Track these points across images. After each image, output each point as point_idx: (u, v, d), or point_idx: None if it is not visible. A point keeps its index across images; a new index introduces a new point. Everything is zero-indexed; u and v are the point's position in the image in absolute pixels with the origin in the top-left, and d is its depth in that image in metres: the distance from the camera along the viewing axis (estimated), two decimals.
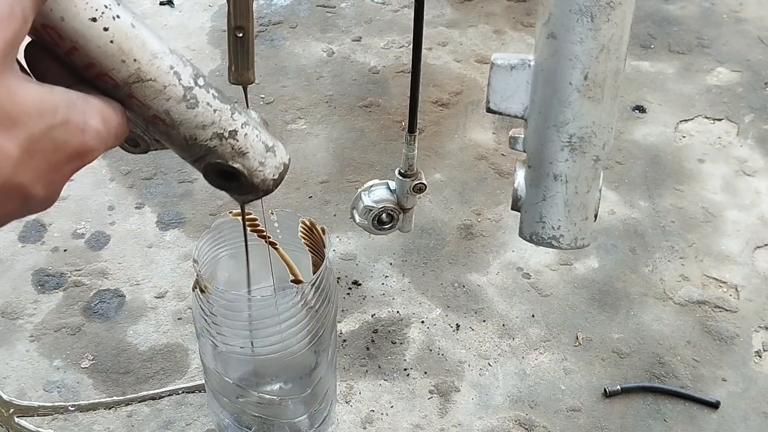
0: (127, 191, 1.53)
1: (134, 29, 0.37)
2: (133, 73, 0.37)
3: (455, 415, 1.19)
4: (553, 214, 0.64)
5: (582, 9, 0.56)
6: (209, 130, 0.41)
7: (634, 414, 1.20)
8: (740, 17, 2.13)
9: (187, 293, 1.33)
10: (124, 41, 0.37)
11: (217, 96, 0.42)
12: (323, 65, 1.89)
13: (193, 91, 0.40)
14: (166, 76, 0.38)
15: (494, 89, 0.63)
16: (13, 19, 0.30)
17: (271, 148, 0.45)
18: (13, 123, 0.30)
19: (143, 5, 2.07)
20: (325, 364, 1.04)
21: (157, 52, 0.38)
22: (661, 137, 1.73)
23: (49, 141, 0.32)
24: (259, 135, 0.44)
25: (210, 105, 0.41)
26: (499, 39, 2.01)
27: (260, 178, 0.45)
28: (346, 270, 1.40)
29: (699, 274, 1.42)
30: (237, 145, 0.43)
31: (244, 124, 0.43)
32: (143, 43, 0.37)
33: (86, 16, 0.35)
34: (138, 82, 0.38)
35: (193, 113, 0.40)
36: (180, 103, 0.40)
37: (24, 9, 0.30)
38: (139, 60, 0.37)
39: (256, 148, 0.44)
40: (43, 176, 0.32)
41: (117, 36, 0.36)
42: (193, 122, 0.41)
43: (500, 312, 1.34)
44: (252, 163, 0.44)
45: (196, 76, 0.40)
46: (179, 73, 0.39)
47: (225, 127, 0.42)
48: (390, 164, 1.60)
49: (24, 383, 1.20)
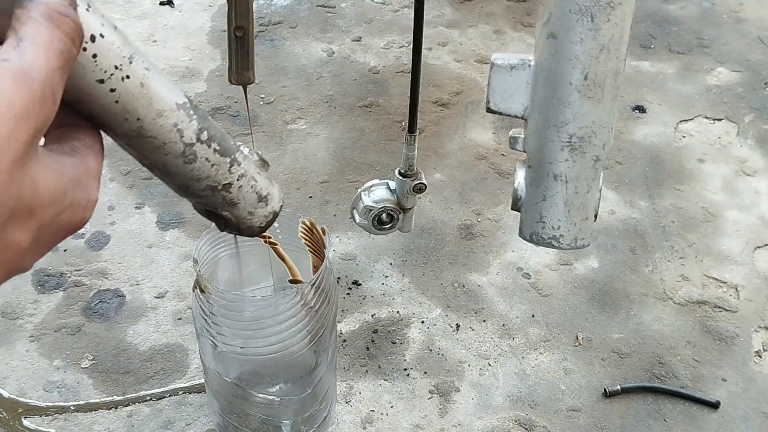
0: (127, 191, 1.53)
1: (142, 88, 0.36)
2: (134, 130, 0.37)
3: (455, 415, 1.19)
4: (553, 214, 0.64)
5: (582, 9, 0.56)
6: (203, 183, 0.42)
7: (634, 414, 1.20)
8: (740, 17, 2.13)
9: (187, 293, 1.33)
10: (130, 101, 0.36)
11: (218, 150, 0.41)
12: (323, 65, 1.89)
13: (193, 147, 0.39)
14: (168, 134, 0.38)
15: (494, 89, 0.63)
16: (44, 103, 0.28)
17: (264, 197, 0.46)
18: (30, 214, 0.29)
19: (143, 5, 2.07)
20: (325, 364, 1.04)
21: (163, 111, 0.37)
22: (661, 137, 1.73)
23: (56, 225, 0.31)
24: (254, 186, 0.45)
25: (208, 160, 0.41)
26: (499, 39, 2.01)
27: (246, 225, 0.46)
28: (346, 270, 1.40)
29: (699, 274, 1.42)
30: (229, 197, 0.43)
31: (241, 176, 0.43)
32: (150, 102, 0.37)
33: (93, 78, 0.34)
34: (138, 137, 0.38)
35: (189, 168, 0.40)
36: (177, 158, 0.39)
37: (54, 89, 0.29)
38: (142, 119, 0.37)
39: (248, 199, 0.44)
40: (42, 253, 0.32)
41: (123, 97, 0.36)
42: (188, 175, 0.41)
43: (500, 312, 1.34)
44: (241, 213, 0.45)
45: (199, 131, 0.40)
46: (182, 130, 0.39)
47: (219, 180, 0.42)
48: (390, 164, 1.60)
49: (24, 383, 1.20)
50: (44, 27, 0.30)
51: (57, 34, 0.30)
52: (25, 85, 0.28)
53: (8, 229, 0.28)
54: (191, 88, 1.79)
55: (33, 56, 0.29)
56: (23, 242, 0.29)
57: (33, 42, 0.29)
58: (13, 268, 0.30)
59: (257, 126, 1.70)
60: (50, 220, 0.31)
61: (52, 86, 0.29)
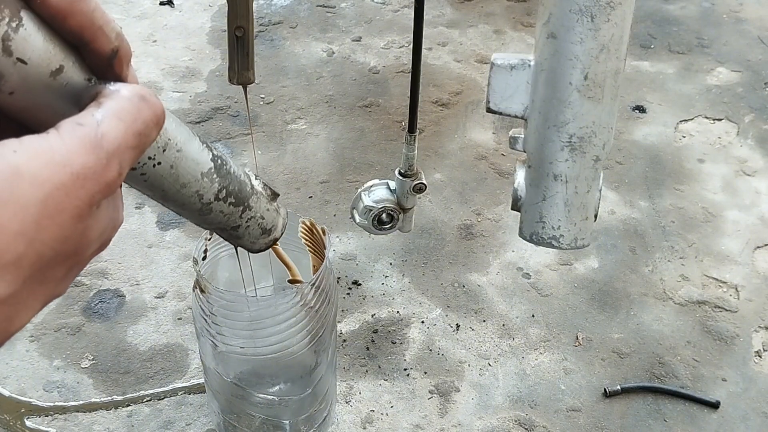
0: (127, 191, 1.52)
1: (171, 170, 0.38)
2: (157, 198, 0.40)
3: (455, 415, 1.19)
4: (553, 214, 0.64)
5: (582, 9, 0.56)
6: (213, 226, 0.45)
7: (634, 414, 1.20)
8: (740, 17, 2.13)
9: (187, 293, 1.33)
10: (157, 181, 0.38)
11: (234, 202, 0.44)
12: (323, 65, 1.89)
13: (210, 205, 0.42)
14: (189, 199, 0.41)
15: (494, 89, 0.63)
16: (106, 173, 0.29)
17: (268, 230, 0.49)
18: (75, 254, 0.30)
19: (143, 5, 2.07)
20: (325, 364, 1.04)
21: (187, 183, 0.40)
22: (661, 137, 1.73)
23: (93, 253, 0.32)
24: (260, 224, 0.48)
25: (222, 212, 0.43)
26: (499, 39, 2.01)
27: (248, 248, 0.50)
28: (346, 270, 1.40)
29: (699, 274, 1.42)
30: (235, 234, 0.47)
31: (250, 218, 0.46)
32: (176, 179, 0.39)
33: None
34: (162, 201, 0.40)
35: (203, 218, 0.43)
36: (194, 212, 0.42)
37: (122, 165, 0.30)
38: (166, 191, 0.39)
39: (252, 234, 0.48)
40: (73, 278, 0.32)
41: (151, 178, 0.38)
42: (202, 220, 0.44)
43: (500, 312, 1.34)
44: (244, 242, 0.49)
45: (219, 191, 0.42)
46: (203, 195, 0.41)
47: (230, 224, 0.45)
48: (390, 164, 1.60)
49: (24, 383, 1.20)
50: (131, 106, 0.31)
51: (142, 116, 0.31)
52: (93, 152, 0.29)
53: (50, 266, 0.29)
54: (191, 88, 1.79)
55: (109, 128, 0.29)
56: (59, 275, 0.30)
57: (115, 116, 0.30)
58: (49, 298, 0.31)
59: (257, 126, 1.70)
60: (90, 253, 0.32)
61: (120, 161, 0.30)
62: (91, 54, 0.32)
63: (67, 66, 0.31)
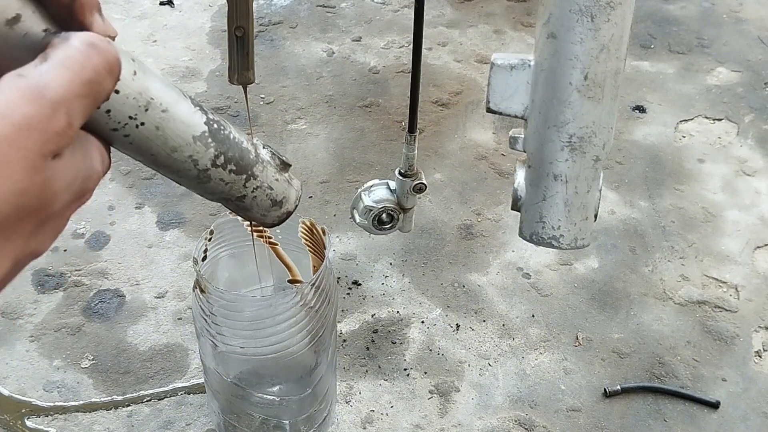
0: (127, 191, 1.53)
1: (157, 131, 0.37)
2: (149, 164, 0.38)
3: (455, 415, 1.19)
4: (553, 214, 0.64)
5: (582, 9, 0.56)
6: (216, 195, 0.43)
7: (634, 414, 1.20)
8: (740, 17, 2.13)
9: (187, 293, 1.33)
10: (143, 143, 0.37)
11: (234, 169, 0.42)
12: (323, 65, 1.89)
13: (207, 172, 0.40)
14: (182, 164, 0.39)
15: (494, 89, 0.63)
16: (53, 122, 0.28)
17: (279, 202, 0.46)
18: (41, 208, 0.29)
19: (143, 5, 2.07)
20: (325, 364, 1.04)
21: (178, 146, 0.38)
22: (661, 137, 1.73)
23: (66, 206, 0.32)
24: (269, 194, 0.45)
25: (223, 180, 0.41)
26: (499, 39, 2.01)
27: (259, 221, 0.47)
28: (346, 270, 1.40)
29: (699, 274, 1.42)
30: (242, 205, 0.44)
31: (256, 188, 0.44)
32: (164, 141, 0.37)
33: (107, 128, 0.35)
34: (151, 165, 0.39)
35: (203, 186, 0.41)
36: (191, 180, 0.40)
37: (70, 113, 0.29)
38: (156, 155, 0.38)
39: (261, 206, 0.45)
40: (52, 233, 0.32)
41: (137, 140, 0.36)
42: (202, 189, 0.42)
43: (500, 312, 1.34)
44: (254, 215, 0.46)
45: (216, 157, 0.40)
46: (197, 160, 0.39)
47: (233, 194, 0.43)
48: (390, 164, 1.60)
49: (24, 383, 1.20)
50: (78, 54, 0.30)
51: (91, 63, 0.30)
52: (35, 102, 0.28)
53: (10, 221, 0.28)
54: (191, 88, 1.79)
55: (52, 77, 0.29)
56: (25, 230, 0.29)
57: (60, 65, 0.29)
58: (19, 254, 0.30)
59: (257, 126, 1.70)
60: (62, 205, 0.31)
61: (67, 110, 0.29)
62: (50, 1, 0.31)
63: (25, 15, 0.30)
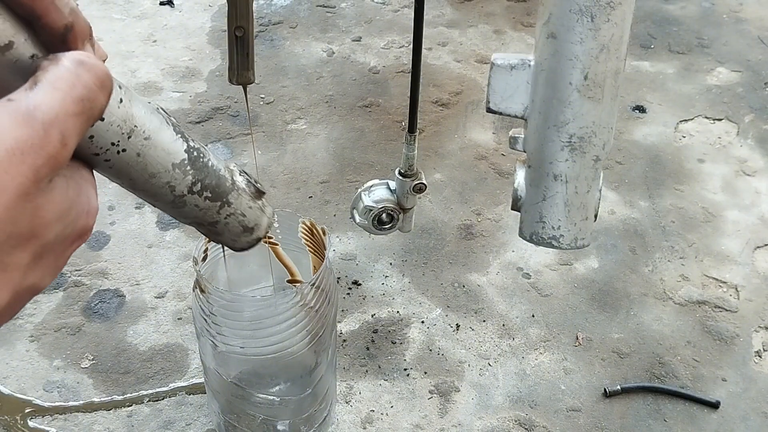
0: (127, 191, 1.52)
1: (138, 158, 0.37)
2: (126, 187, 0.39)
3: (455, 415, 1.19)
4: (553, 214, 0.64)
5: (582, 9, 0.56)
6: (189, 219, 0.43)
7: (634, 414, 1.20)
8: (740, 17, 2.13)
9: (187, 293, 1.33)
10: (123, 169, 0.37)
11: (210, 197, 0.42)
12: (323, 65, 1.89)
13: (183, 198, 0.41)
14: (159, 190, 0.39)
15: (494, 89, 0.63)
16: (46, 144, 0.28)
17: (250, 229, 0.47)
18: (33, 236, 0.29)
19: (143, 5, 2.07)
20: (325, 364, 1.04)
21: (156, 173, 0.38)
22: (661, 137, 1.73)
23: (62, 239, 0.31)
24: (241, 221, 0.46)
25: (197, 206, 0.42)
26: (499, 39, 2.01)
27: (229, 245, 0.48)
28: (346, 270, 1.40)
29: (699, 274, 1.42)
30: (214, 230, 0.45)
31: (229, 215, 0.45)
32: (144, 168, 0.38)
33: (89, 152, 0.35)
34: (131, 190, 0.39)
35: (177, 210, 0.42)
36: (167, 204, 0.41)
37: (64, 133, 0.29)
38: (134, 180, 0.38)
39: (232, 232, 0.46)
40: (51, 269, 0.32)
41: (117, 165, 0.37)
42: (176, 213, 0.42)
43: (500, 312, 1.34)
44: (224, 239, 0.47)
45: (192, 184, 0.41)
46: (174, 186, 0.40)
47: (206, 220, 0.44)
48: (390, 164, 1.60)
49: (24, 383, 1.20)
50: (68, 73, 0.30)
51: (81, 80, 0.30)
52: (25, 124, 0.28)
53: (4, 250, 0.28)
54: (191, 88, 1.79)
55: (42, 98, 0.28)
56: (22, 261, 0.29)
57: (49, 86, 0.29)
58: (17, 286, 0.29)
59: (257, 126, 1.70)
60: (56, 236, 0.31)
61: (61, 130, 0.29)
62: (44, 29, 0.31)
63: (17, 42, 0.30)
